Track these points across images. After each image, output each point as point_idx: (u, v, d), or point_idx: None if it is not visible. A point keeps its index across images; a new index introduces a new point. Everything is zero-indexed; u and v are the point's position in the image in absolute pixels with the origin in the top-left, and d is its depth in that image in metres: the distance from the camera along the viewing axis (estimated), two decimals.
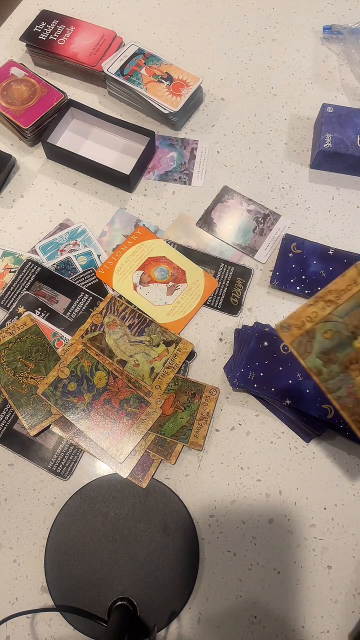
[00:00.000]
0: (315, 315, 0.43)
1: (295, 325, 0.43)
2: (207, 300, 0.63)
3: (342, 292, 0.43)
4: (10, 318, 0.61)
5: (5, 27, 0.82)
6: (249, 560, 0.53)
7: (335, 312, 0.43)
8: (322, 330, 0.43)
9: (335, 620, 0.51)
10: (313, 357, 0.43)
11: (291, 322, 0.43)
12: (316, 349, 0.43)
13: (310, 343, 0.43)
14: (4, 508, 0.54)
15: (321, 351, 0.43)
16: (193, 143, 0.73)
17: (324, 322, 0.43)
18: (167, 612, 0.50)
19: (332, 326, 0.43)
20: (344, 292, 0.43)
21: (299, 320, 0.43)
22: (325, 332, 0.43)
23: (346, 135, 0.68)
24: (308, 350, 0.43)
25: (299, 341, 0.43)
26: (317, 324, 0.43)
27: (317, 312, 0.43)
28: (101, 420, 0.55)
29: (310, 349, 0.43)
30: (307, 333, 0.43)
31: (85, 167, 0.69)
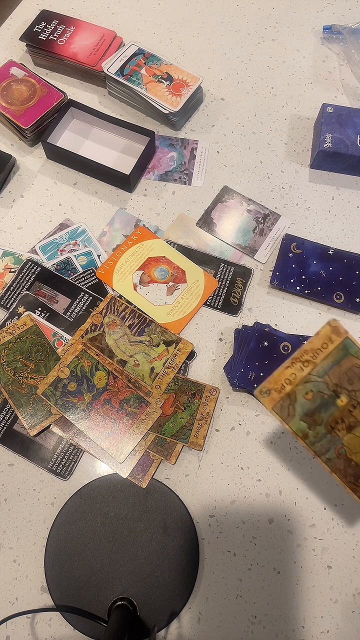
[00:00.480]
0: (294, 377, 0.42)
1: (274, 389, 0.42)
2: (207, 300, 0.63)
3: (318, 350, 0.42)
4: (10, 318, 0.61)
5: (5, 27, 0.82)
6: (249, 560, 0.53)
7: (314, 372, 0.42)
8: (303, 392, 0.42)
9: (335, 620, 0.51)
10: (297, 420, 0.42)
11: (270, 387, 0.42)
12: (299, 412, 0.42)
13: (292, 406, 0.42)
14: (4, 508, 0.54)
15: (304, 413, 0.42)
16: (193, 143, 0.73)
17: (303, 384, 0.42)
18: (167, 612, 0.50)
19: (312, 387, 0.42)
20: (320, 351, 0.42)
21: (278, 384, 0.42)
22: (306, 394, 0.42)
23: (346, 135, 0.68)
24: (291, 413, 0.42)
25: (281, 405, 0.42)
26: (297, 386, 0.42)
27: (296, 373, 0.42)
28: (101, 420, 0.55)
29: (292, 412, 0.42)
30: (288, 396, 0.42)
31: (85, 167, 0.69)
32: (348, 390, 0.42)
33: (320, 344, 0.42)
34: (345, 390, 0.42)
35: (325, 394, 0.42)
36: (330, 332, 0.42)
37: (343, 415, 0.42)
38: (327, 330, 0.42)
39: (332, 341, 0.42)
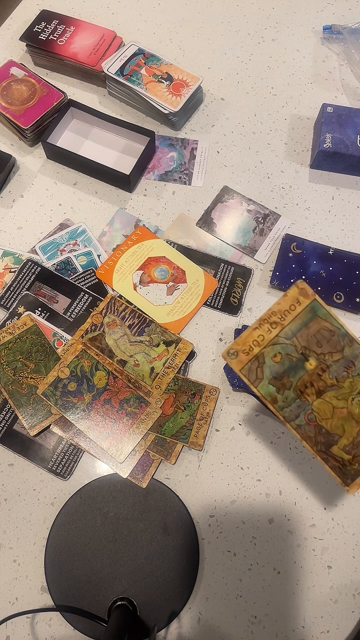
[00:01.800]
0: (262, 339, 0.41)
1: (242, 350, 0.41)
2: (207, 300, 0.63)
3: (286, 312, 0.41)
4: (10, 318, 0.61)
5: (5, 27, 0.82)
6: (249, 560, 0.53)
7: (282, 334, 0.41)
8: (271, 354, 0.41)
9: (335, 620, 0.51)
10: (265, 383, 0.41)
11: (238, 348, 0.41)
12: (267, 374, 0.41)
13: (261, 369, 0.41)
14: (4, 508, 0.54)
15: (273, 376, 0.41)
16: (193, 143, 0.73)
17: (272, 345, 0.41)
18: (167, 612, 0.50)
19: (280, 349, 0.41)
20: (288, 313, 0.41)
21: (245, 345, 0.41)
22: (274, 356, 0.41)
23: (346, 135, 0.68)
24: (259, 376, 0.41)
25: (249, 367, 0.41)
26: (265, 348, 0.41)
27: (264, 335, 0.41)
28: (101, 420, 0.55)
29: (261, 375, 0.41)
30: (256, 358, 0.41)
31: (85, 167, 0.69)
32: (317, 354, 0.41)
33: (288, 306, 0.41)
34: (314, 354, 0.41)
35: (294, 357, 0.41)
36: (298, 294, 0.41)
37: (312, 379, 0.41)
38: (294, 291, 0.41)
39: (300, 303, 0.41)
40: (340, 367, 0.41)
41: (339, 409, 0.40)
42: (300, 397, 0.41)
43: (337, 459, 0.40)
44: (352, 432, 0.40)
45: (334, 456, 0.40)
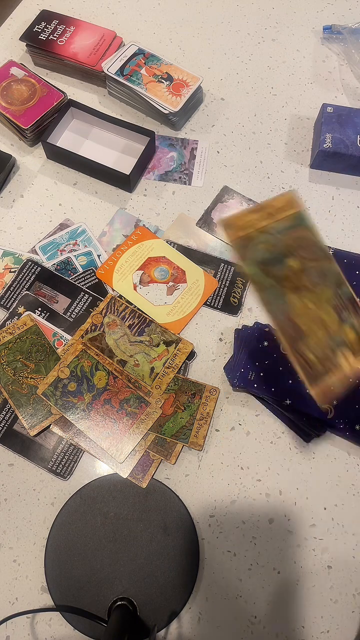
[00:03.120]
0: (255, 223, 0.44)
1: (237, 225, 0.44)
2: (207, 300, 0.63)
3: (280, 209, 0.45)
4: (10, 318, 0.61)
5: (5, 27, 0.82)
6: (249, 560, 0.53)
7: (272, 227, 0.44)
8: (260, 239, 0.44)
9: (335, 620, 0.51)
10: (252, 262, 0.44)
11: (235, 222, 0.44)
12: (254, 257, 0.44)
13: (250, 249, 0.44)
14: (4, 508, 0.54)
15: (259, 260, 0.44)
16: (193, 143, 0.73)
17: (262, 233, 0.44)
18: (167, 612, 0.50)
19: (268, 238, 0.44)
20: (281, 211, 0.45)
21: (242, 221, 0.44)
22: (261, 243, 0.44)
23: (346, 135, 0.68)
24: (248, 255, 0.44)
25: (240, 243, 0.44)
26: (256, 232, 0.44)
27: (257, 221, 0.44)
28: (101, 420, 0.55)
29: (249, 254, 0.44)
30: (247, 238, 0.44)
31: (85, 167, 0.69)
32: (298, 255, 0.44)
33: (282, 205, 0.45)
34: (297, 254, 0.44)
35: (279, 250, 0.44)
36: (292, 199, 0.45)
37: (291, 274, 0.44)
38: (289, 195, 0.45)
39: (292, 207, 0.45)
40: (316, 274, 0.44)
41: (309, 309, 0.43)
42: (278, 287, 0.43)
43: (304, 356, 0.42)
44: (318, 335, 0.43)
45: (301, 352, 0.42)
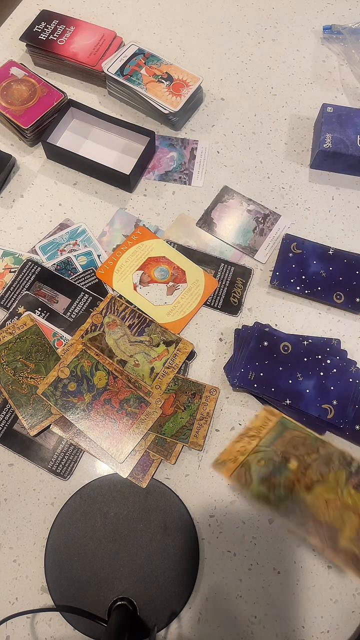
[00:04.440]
0: (244, 448, 0.47)
1: (229, 459, 0.47)
2: (207, 300, 0.63)
3: (261, 427, 0.48)
4: (10, 318, 0.61)
5: (5, 27, 0.82)
6: (249, 560, 0.53)
7: (261, 444, 0.46)
8: (256, 460, 0.46)
9: (335, 620, 0.51)
10: (255, 485, 0.45)
11: (225, 458, 0.47)
12: (255, 477, 0.45)
13: (249, 473, 0.46)
14: (4, 508, 0.54)
15: (261, 478, 0.45)
16: (193, 143, 0.73)
17: (254, 453, 0.46)
18: (167, 612, 0.50)
19: (263, 455, 0.46)
20: (262, 428, 0.47)
21: (231, 455, 0.47)
22: (259, 461, 0.46)
23: (346, 135, 0.68)
24: (248, 480, 0.45)
25: (237, 473, 0.46)
26: (249, 456, 0.46)
27: (245, 446, 0.47)
28: (101, 420, 0.55)
29: (250, 478, 0.46)
30: (242, 465, 0.46)
31: (85, 167, 0.69)
32: (296, 455, 0.45)
33: (261, 423, 0.48)
34: (294, 455, 0.45)
35: (276, 460, 0.45)
36: (267, 414, 0.49)
37: (297, 476, 0.44)
38: (263, 413, 0.49)
39: (270, 420, 0.48)
40: (321, 464, 0.44)
41: (331, 501, 0.43)
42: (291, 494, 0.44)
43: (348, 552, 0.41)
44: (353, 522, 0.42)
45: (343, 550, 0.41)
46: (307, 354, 0.58)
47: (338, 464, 0.44)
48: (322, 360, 0.58)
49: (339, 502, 0.42)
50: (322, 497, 0.42)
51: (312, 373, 0.57)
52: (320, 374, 0.57)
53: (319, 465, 0.44)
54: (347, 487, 0.42)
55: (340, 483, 0.43)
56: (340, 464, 0.44)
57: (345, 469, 0.43)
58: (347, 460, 0.44)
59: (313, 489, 0.43)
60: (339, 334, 0.62)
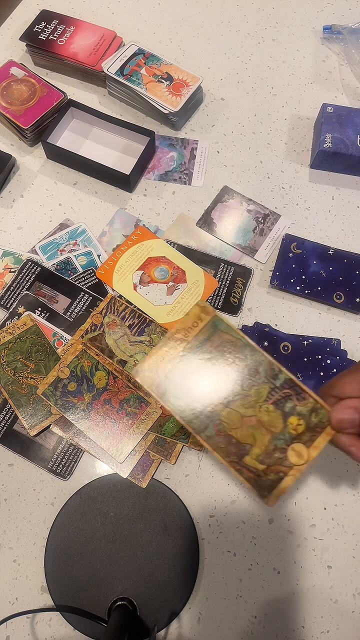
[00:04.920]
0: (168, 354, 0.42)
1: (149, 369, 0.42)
2: (207, 300, 0.63)
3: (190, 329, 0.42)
4: (10, 318, 0.61)
5: (5, 27, 0.82)
6: (249, 560, 0.53)
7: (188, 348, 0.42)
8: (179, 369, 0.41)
9: (335, 620, 0.51)
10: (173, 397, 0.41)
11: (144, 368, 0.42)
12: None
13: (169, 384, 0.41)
14: (4, 508, 0.54)
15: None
16: (193, 143, 0.73)
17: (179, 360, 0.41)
18: (167, 612, 0.50)
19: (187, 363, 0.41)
20: (191, 329, 0.42)
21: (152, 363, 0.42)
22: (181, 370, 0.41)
23: (346, 135, 0.68)
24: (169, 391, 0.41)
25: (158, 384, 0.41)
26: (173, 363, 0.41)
27: (170, 350, 0.42)
28: (101, 420, 0.55)
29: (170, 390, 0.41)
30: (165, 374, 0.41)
31: (85, 167, 0.69)
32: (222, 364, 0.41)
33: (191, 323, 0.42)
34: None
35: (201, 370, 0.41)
36: (199, 312, 0.42)
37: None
38: (196, 310, 0.42)
39: (202, 320, 0.42)
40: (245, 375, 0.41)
41: (247, 417, 0.40)
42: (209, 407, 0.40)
43: (251, 469, 0.39)
44: (263, 441, 0.39)
45: (247, 467, 0.39)
46: (307, 354, 0.58)
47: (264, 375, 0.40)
48: (322, 360, 0.58)
49: (255, 419, 0.39)
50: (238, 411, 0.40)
51: (312, 373, 0.57)
52: (320, 374, 0.57)
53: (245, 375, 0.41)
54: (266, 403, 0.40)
55: (260, 398, 0.40)
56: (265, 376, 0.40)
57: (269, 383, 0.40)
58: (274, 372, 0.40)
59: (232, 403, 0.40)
60: (339, 334, 0.62)
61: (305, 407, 0.39)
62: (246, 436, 0.39)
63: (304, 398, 0.39)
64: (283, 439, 0.39)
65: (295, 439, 0.39)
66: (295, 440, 0.39)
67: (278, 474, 0.38)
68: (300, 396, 0.39)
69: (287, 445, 0.39)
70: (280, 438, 0.39)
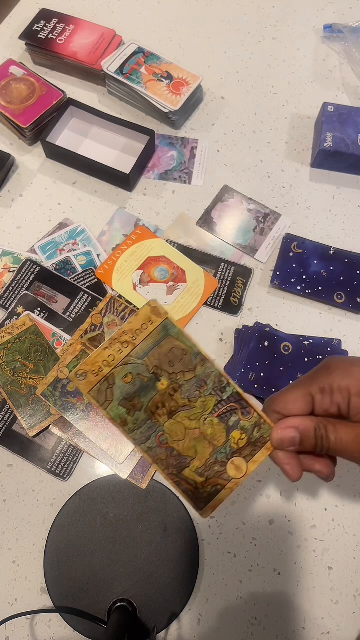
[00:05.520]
0: (112, 359, 0.39)
1: (91, 371, 0.39)
2: (207, 300, 0.63)
3: (138, 331, 0.39)
4: (10, 318, 0.60)
5: (4, 25, 0.81)
6: (250, 561, 0.52)
7: (133, 354, 0.39)
8: (122, 375, 0.39)
9: (336, 622, 0.51)
10: (115, 405, 0.39)
11: (87, 369, 0.39)
12: (117, 396, 0.39)
13: (111, 390, 0.39)
14: (3, 509, 0.54)
15: (123, 397, 0.39)
16: (193, 142, 0.73)
17: (122, 366, 0.39)
18: (167, 613, 0.50)
19: (132, 369, 0.39)
20: (140, 332, 0.39)
21: (95, 366, 0.39)
22: (125, 377, 0.39)
23: (347, 134, 0.68)
24: (109, 398, 0.39)
25: (98, 389, 0.39)
26: (116, 368, 0.39)
27: (114, 355, 0.39)
28: (101, 421, 0.55)
29: (111, 396, 0.39)
30: (106, 379, 0.39)
31: (85, 167, 0.69)
32: (169, 373, 0.39)
33: (140, 325, 0.39)
34: (166, 373, 0.39)
35: (145, 377, 0.39)
36: (150, 313, 0.39)
37: (164, 399, 0.39)
38: (146, 310, 0.39)
39: (152, 322, 0.39)
40: (193, 387, 0.39)
41: (191, 429, 0.39)
42: (152, 418, 0.39)
43: (190, 481, 0.38)
44: (204, 454, 0.38)
45: (186, 479, 0.38)
46: (308, 354, 0.58)
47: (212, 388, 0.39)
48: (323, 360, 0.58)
49: (198, 431, 0.38)
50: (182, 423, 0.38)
51: None
52: None
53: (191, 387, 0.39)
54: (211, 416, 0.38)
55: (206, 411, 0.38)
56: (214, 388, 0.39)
57: (217, 395, 0.39)
58: (222, 384, 0.39)
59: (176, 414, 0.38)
60: (340, 334, 0.62)
61: (249, 422, 0.38)
62: (188, 449, 0.38)
63: (248, 412, 0.38)
64: (224, 453, 0.38)
65: (235, 453, 0.38)
66: (235, 454, 0.38)
67: (216, 486, 0.38)
68: (246, 410, 0.38)
69: (227, 459, 0.38)
70: (222, 452, 0.38)
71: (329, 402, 0.35)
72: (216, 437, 0.38)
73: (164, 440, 0.38)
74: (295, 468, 0.36)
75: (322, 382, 0.35)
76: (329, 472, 0.37)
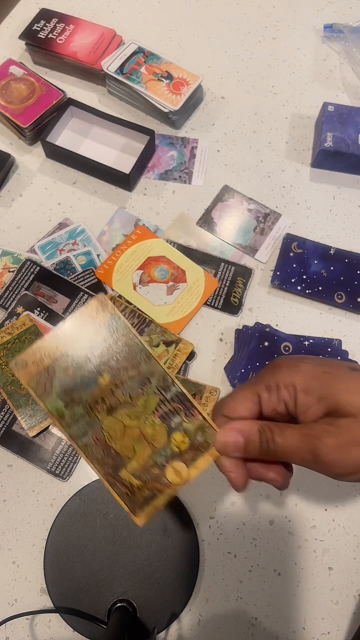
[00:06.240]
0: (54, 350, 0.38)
1: (32, 361, 0.37)
2: (207, 300, 0.63)
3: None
4: (9, 318, 0.60)
5: (4, 25, 0.81)
6: (250, 561, 0.52)
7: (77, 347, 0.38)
8: (64, 367, 0.37)
9: (336, 622, 0.51)
10: (53, 397, 0.37)
11: (27, 358, 0.37)
12: (57, 389, 0.37)
13: (50, 382, 0.37)
14: (3, 509, 0.54)
15: (62, 390, 0.37)
16: (193, 142, 0.73)
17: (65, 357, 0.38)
18: (167, 613, 0.50)
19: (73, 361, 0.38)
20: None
21: (36, 356, 0.37)
22: (66, 369, 0.37)
23: (347, 134, 0.68)
24: (47, 390, 0.37)
25: (37, 380, 0.37)
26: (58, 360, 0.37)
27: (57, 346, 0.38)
28: None
29: (50, 388, 0.37)
30: (46, 370, 0.37)
31: (85, 166, 0.69)
32: (111, 368, 0.38)
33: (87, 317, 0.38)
34: (109, 368, 0.38)
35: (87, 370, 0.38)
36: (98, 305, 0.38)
37: (104, 394, 0.37)
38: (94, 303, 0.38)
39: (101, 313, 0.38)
40: (135, 384, 0.38)
41: (130, 428, 0.37)
42: (90, 414, 0.37)
43: (126, 483, 0.36)
44: (143, 455, 0.37)
45: (122, 481, 0.36)
46: (308, 354, 0.58)
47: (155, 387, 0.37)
48: None
49: (137, 431, 0.37)
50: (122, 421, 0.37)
51: None
52: None
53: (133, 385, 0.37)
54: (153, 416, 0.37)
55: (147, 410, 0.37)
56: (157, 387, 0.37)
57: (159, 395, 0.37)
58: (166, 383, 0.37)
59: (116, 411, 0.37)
60: (340, 334, 0.62)
61: (192, 424, 0.36)
62: (126, 448, 0.37)
63: (192, 414, 0.37)
64: (164, 455, 0.36)
65: (176, 457, 0.36)
66: (176, 458, 0.36)
67: (153, 490, 0.36)
68: (189, 412, 0.37)
69: (166, 462, 0.36)
70: (162, 454, 0.36)
71: (275, 400, 0.33)
72: (156, 438, 0.37)
73: (102, 438, 0.37)
74: (240, 477, 0.33)
75: (269, 380, 0.33)
76: (282, 480, 0.35)
